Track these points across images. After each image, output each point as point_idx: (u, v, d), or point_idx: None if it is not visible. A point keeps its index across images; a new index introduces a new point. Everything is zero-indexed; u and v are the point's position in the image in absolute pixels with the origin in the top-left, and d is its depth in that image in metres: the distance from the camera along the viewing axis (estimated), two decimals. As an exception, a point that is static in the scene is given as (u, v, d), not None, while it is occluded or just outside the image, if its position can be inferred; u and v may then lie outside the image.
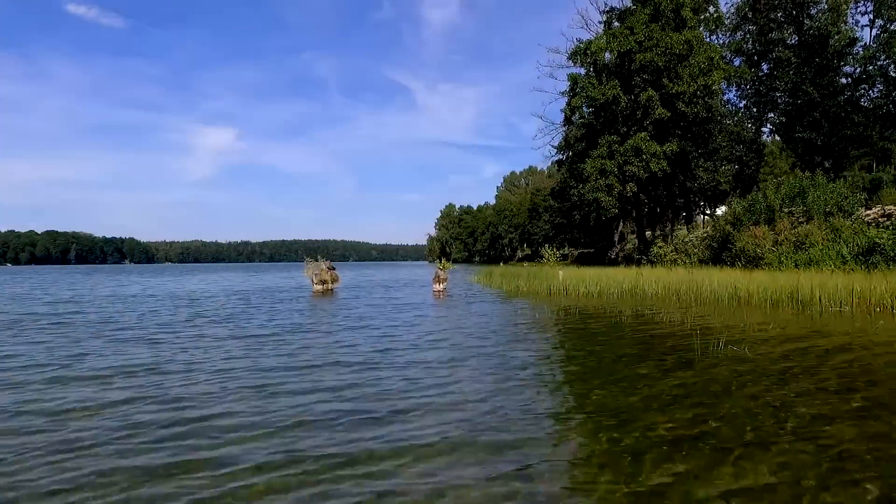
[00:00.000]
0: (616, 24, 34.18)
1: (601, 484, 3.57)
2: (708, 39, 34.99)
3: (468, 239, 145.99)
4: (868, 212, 25.61)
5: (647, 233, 63.68)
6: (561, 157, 69.29)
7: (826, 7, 41.25)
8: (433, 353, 8.31)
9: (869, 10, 41.88)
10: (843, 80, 43.21)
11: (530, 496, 3.40)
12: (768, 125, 51.52)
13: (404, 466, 3.85)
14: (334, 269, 25.65)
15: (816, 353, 7.94)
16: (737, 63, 43.24)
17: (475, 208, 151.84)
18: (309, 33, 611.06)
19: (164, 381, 6.50)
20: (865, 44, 42.64)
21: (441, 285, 24.50)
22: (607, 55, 33.22)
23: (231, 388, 6.03)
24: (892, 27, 39.55)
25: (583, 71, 34.57)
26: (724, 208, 60.18)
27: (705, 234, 34.93)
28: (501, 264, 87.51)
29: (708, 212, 68.15)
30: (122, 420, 4.99)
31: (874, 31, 42.37)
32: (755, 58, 45.13)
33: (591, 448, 4.22)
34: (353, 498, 3.38)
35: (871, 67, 42.01)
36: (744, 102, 47.75)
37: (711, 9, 34.35)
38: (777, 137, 55.45)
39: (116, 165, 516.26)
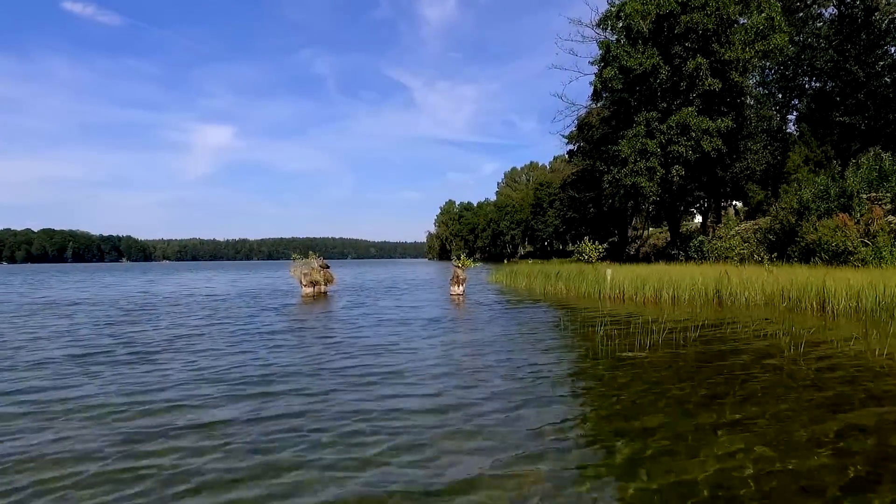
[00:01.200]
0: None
1: None
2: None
3: (469, 236, 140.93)
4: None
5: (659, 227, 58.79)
6: (572, 148, 64.53)
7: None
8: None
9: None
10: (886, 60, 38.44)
11: None
12: (794, 113, 46.67)
13: None
14: (328, 267, 20.60)
15: None
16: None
17: (475, 205, 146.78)
18: (307, 31, 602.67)
19: None
20: (910, 19, 37.80)
21: (460, 287, 19.51)
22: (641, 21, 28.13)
23: None
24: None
25: (615, 38, 29.46)
26: (738, 203, 55.07)
27: (756, 227, 30.02)
28: (506, 262, 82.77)
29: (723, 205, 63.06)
30: None
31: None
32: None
33: None
34: None
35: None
36: (768, 89, 42.86)
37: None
38: (796, 127, 50.35)
39: (114, 164, 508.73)
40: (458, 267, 19.79)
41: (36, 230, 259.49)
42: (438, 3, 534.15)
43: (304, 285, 19.00)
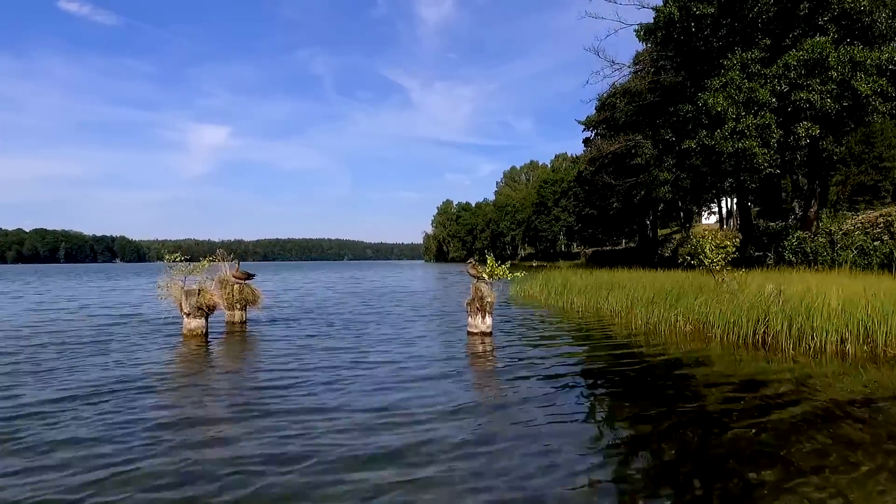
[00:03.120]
0: None
1: None
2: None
3: (467, 237, 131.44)
4: None
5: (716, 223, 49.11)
6: (590, 136, 55.10)
7: None
8: None
9: None
10: None
11: None
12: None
13: None
14: (251, 276, 11.04)
15: None
16: None
17: (474, 205, 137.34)
18: (304, 30, 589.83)
19: None
20: None
21: (487, 319, 9.99)
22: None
23: None
24: None
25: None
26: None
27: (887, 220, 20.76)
28: (508, 263, 72.98)
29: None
30: None
31: None
32: None
33: None
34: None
35: None
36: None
37: None
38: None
39: (109, 163, 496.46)
40: (482, 276, 10.16)
41: (28, 230, 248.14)
42: (435, 3, 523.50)
43: (187, 314, 9.41)
